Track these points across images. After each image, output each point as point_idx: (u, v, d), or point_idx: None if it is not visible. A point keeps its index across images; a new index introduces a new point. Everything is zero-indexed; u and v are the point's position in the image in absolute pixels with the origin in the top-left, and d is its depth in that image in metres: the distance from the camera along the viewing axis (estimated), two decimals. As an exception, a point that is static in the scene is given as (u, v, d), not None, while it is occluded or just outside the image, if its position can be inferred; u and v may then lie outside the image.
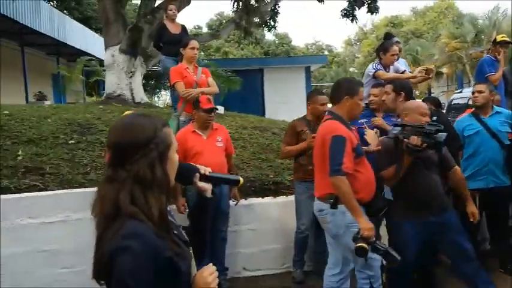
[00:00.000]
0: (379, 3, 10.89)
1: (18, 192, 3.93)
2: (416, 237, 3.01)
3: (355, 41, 47.78)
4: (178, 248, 1.33)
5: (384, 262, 2.91)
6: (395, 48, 4.69)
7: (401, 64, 5.18)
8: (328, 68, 38.53)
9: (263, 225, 4.28)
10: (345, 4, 11.09)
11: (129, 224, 1.23)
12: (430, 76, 4.74)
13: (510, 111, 4.19)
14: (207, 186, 1.56)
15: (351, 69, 41.64)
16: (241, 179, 1.66)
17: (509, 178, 3.91)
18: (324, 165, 2.85)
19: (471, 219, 3.24)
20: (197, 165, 1.55)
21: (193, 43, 4.60)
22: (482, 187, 3.90)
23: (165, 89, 27.83)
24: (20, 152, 4.50)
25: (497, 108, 4.13)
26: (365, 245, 2.65)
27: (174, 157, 1.37)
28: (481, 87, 4.08)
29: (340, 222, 2.86)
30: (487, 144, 3.92)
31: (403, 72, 4.81)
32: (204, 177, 1.53)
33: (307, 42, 47.27)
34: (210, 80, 4.70)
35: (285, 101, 12.18)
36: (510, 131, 3.94)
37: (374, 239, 2.71)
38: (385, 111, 3.85)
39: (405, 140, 2.92)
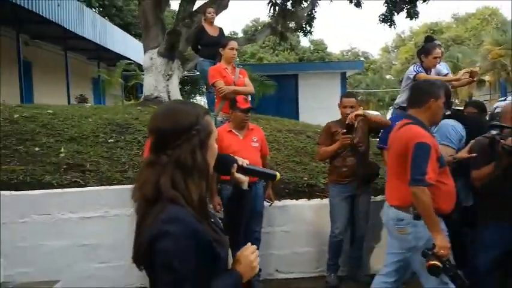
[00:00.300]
0: (418, 9, 10.65)
1: (60, 188, 4.07)
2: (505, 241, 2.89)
3: (392, 48, 47.00)
4: (217, 235, 1.33)
5: None
6: (438, 50, 4.55)
7: (444, 68, 5.04)
8: (364, 75, 37.99)
9: (297, 228, 4.24)
10: (383, 9, 10.92)
11: (169, 208, 1.24)
12: (475, 79, 4.57)
13: None
14: (244, 178, 1.55)
15: (388, 76, 40.90)
16: (278, 174, 1.65)
17: None
18: (403, 172, 2.65)
19: None
20: (235, 157, 1.55)
21: (233, 43, 4.64)
22: None
23: (200, 95, 28.22)
24: (62, 150, 4.67)
25: None
26: (439, 264, 2.47)
27: (214, 145, 1.38)
28: None
29: (422, 234, 2.64)
30: None
31: (445, 76, 4.67)
32: (241, 169, 1.52)
33: (343, 49, 46.93)
34: (247, 80, 4.72)
35: (320, 106, 12.05)
36: None
37: (447, 258, 2.53)
38: None
39: (502, 141, 2.80)
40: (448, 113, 3.37)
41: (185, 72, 11.13)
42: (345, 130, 3.74)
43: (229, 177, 1.55)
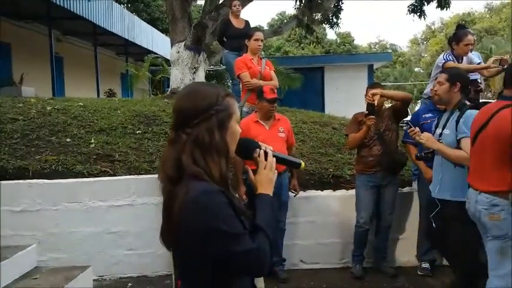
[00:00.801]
0: (450, -1, 10.33)
1: (90, 177, 4.20)
2: None
3: (421, 40, 45.91)
4: (242, 207, 1.36)
5: None
6: (470, 37, 4.43)
7: (476, 57, 4.92)
8: (392, 68, 37.29)
9: (322, 218, 4.24)
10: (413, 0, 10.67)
11: (195, 184, 1.26)
12: (505, 67, 4.44)
13: None
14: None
15: (416, 69, 40.01)
16: (302, 163, 1.61)
17: None
18: (503, 158, 2.51)
19: None
20: (259, 142, 1.54)
21: (258, 35, 4.65)
22: None
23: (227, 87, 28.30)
24: (92, 140, 4.81)
25: None
26: None
27: (235, 127, 1.39)
28: None
29: None
30: None
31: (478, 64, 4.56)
32: (265, 155, 1.50)
33: (371, 42, 46.16)
34: (273, 73, 4.74)
35: (346, 99, 11.93)
36: None
37: None
38: (436, 103, 3.53)
39: None
40: (468, 103, 3.23)
41: (211, 66, 11.22)
42: (367, 112, 3.76)
43: (253, 161, 1.53)
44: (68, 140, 4.77)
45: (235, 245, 1.24)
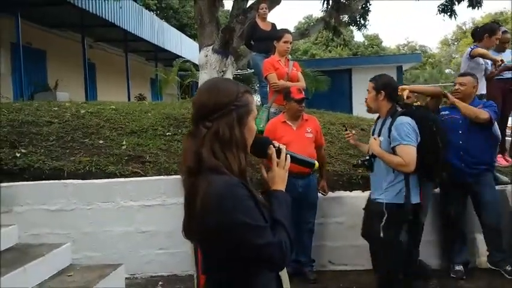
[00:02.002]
0: (482, -2, 10.04)
1: (122, 178, 4.30)
2: None
3: (452, 41, 44.79)
4: (262, 199, 1.37)
5: None
6: (509, 36, 4.37)
7: (508, 55, 4.84)
8: (422, 70, 36.51)
9: (351, 219, 4.19)
10: (443, -1, 10.43)
11: (216, 178, 1.28)
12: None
13: None
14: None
15: (447, 70, 39.02)
16: (316, 163, 1.59)
17: None
18: None
19: None
20: (272, 140, 1.55)
21: (288, 37, 4.65)
22: None
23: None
24: (124, 142, 4.93)
25: None
26: None
27: (252, 124, 1.42)
28: None
29: None
30: None
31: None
32: (278, 153, 1.50)
33: (399, 43, 45.39)
34: (300, 74, 4.74)
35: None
36: None
37: None
38: (368, 111, 3.56)
39: None
40: (400, 109, 3.21)
41: (237, 71, 11.29)
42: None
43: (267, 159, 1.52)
44: (101, 141, 4.90)
45: (258, 238, 1.25)
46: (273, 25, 6.63)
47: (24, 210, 4.07)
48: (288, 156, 1.49)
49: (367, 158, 3.31)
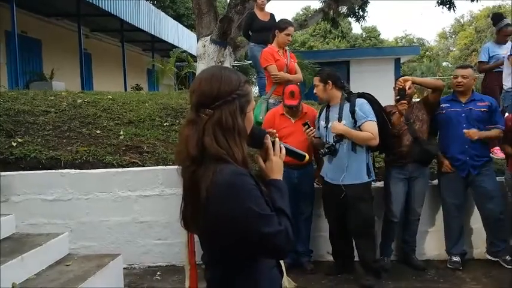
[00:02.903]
0: (481, -10, 10.01)
1: (119, 168, 4.28)
2: None
3: (450, 34, 44.75)
4: (265, 191, 1.37)
5: None
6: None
7: (509, 47, 4.88)
8: (420, 63, 36.47)
9: (349, 211, 4.19)
10: (442, -9, 10.38)
11: (223, 167, 1.26)
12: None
13: None
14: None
15: (444, 63, 39.00)
16: (307, 156, 1.60)
17: None
18: None
19: None
20: (266, 130, 1.55)
21: (290, 30, 4.58)
22: None
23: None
24: (121, 132, 4.90)
25: None
26: None
27: (250, 115, 1.41)
28: None
29: None
30: None
31: None
32: (273, 143, 1.50)
33: (397, 36, 45.29)
34: (297, 66, 4.69)
35: (372, 93, 11.72)
36: None
37: None
38: (320, 102, 3.86)
39: None
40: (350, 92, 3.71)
41: (235, 62, 11.20)
42: (398, 97, 3.73)
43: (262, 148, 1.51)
44: (98, 131, 4.87)
45: (266, 226, 1.24)
46: (272, 15, 6.58)
47: (21, 199, 4.05)
48: (283, 146, 1.49)
49: (331, 144, 3.52)
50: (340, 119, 3.52)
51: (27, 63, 10.92)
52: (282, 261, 1.51)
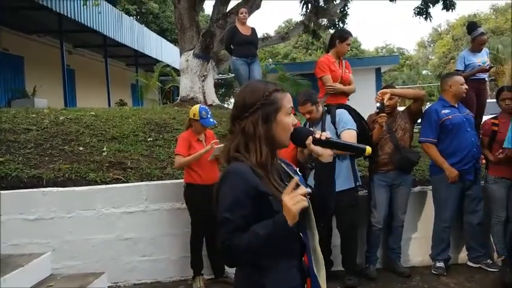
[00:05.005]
0: (455, 0, 10.32)
1: (103, 184, 4.24)
2: None
3: (428, 43, 45.71)
4: (277, 192, 1.41)
5: None
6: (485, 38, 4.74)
7: (484, 55, 5.11)
8: (400, 72, 37.10)
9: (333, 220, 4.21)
10: (418, 2, 10.67)
11: (233, 163, 1.47)
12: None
13: None
14: (321, 151, 1.52)
15: (424, 71, 39.76)
16: (368, 148, 1.50)
17: None
18: None
19: None
20: (312, 130, 1.60)
21: (351, 40, 4.53)
22: None
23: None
24: (104, 149, 4.87)
25: None
26: None
27: (283, 119, 1.50)
28: None
29: None
30: None
31: None
32: (318, 142, 1.50)
33: (377, 46, 46.06)
34: (351, 76, 4.60)
35: (355, 102, 11.85)
36: None
37: None
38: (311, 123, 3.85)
39: None
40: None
41: (219, 75, 11.25)
42: (377, 110, 3.80)
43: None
44: (81, 148, 4.84)
45: (229, 217, 1.36)
46: (253, 29, 6.65)
47: (3, 220, 3.96)
48: (303, 190, 1.37)
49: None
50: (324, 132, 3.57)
51: (9, 80, 10.81)
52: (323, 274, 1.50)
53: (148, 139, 5.24)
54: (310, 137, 1.51)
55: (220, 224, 1.38)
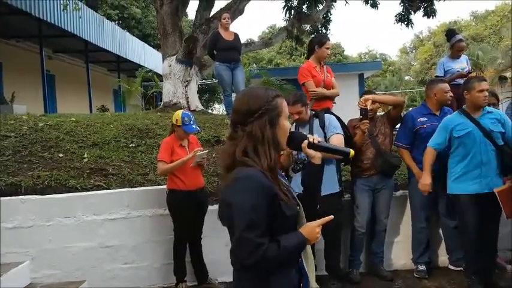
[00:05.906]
0: (436, 7, 10.53)
1: (83, 191, 4.17)
2: None
3: (410, 49, 46.47)
4: (285, 196, 1.49)
5: None
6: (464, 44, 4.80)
7: (463, 61, 5.18)
8: (383, 77, 37.62)
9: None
10: (400, 9, 10.85)
11: (243, 169, 1.47)
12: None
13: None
14: (314, 153, 1.68)
15: (406, 77, 40.39)
16: (352, 151, 1.72)
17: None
18: None
19: None
20: (306, 134, 1.70)
21: (329, 43, 4.53)
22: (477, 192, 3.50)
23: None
24: (85, 155, 4.79)
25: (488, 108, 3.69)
26: None
27: (284, 123, 1.58)
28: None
29: None
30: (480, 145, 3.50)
31: None
32: (312, 145, 1.66)
33: (361, 52, 46.62)
34: (334, 80, 4.60)
35: (338, 108, 11.94)
36: (503, 130, 3.55)
37: None
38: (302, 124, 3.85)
39: None
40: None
41: (202, 81, 11.22)
42: (361, 117, 3.84)
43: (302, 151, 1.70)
44: (61, 155, 4.75)
45: (247, 227, 1.39)
46: (236, 35, 6.67)
47: (-21, 229, 3.87)
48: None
49: (303, 159, 3.52)
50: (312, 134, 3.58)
51: (-14, 87, 10.58)
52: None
53: (130, 145, 5.19)
54: (306, 141, 1.64)
55: (248, 228, 1.39)
